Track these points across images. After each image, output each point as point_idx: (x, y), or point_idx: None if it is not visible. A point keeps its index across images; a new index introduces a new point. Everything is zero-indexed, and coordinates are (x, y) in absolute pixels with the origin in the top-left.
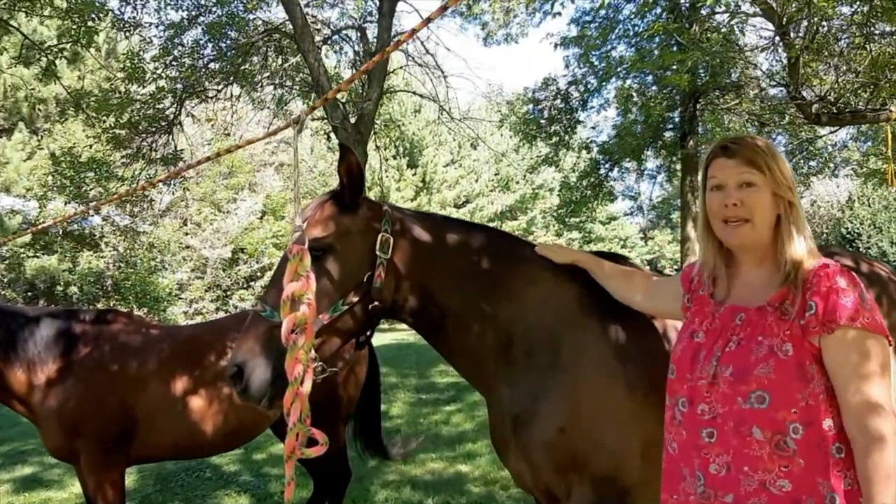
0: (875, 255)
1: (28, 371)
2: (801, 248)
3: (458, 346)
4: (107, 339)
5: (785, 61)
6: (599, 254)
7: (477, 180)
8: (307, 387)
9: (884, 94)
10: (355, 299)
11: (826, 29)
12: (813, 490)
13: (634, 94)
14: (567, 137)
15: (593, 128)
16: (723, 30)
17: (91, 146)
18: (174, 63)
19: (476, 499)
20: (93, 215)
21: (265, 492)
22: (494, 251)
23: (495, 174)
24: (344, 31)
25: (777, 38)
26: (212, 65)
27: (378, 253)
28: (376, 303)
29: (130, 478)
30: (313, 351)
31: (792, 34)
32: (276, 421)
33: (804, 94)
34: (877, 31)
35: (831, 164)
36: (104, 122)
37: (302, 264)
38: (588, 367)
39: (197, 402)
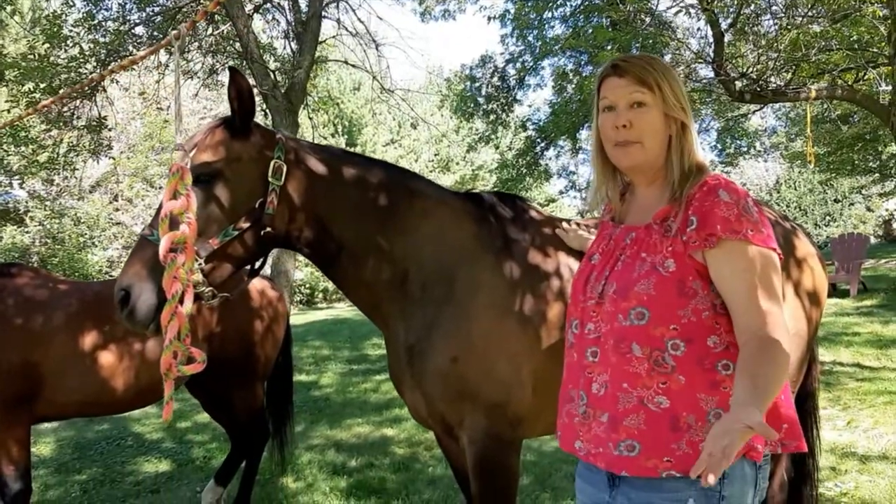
0: None
1: None
2: (687, 166)
3: (354, 279)
4: (10, 293)
5: (711, 39)
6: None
7: (417, 160)
8: (187, 306)
9: (804, 73)
10: (246, 225)
11: (751, 9)
12: (694, 406)
13: (570, 73)
14: (504, 116)
15: (529, 106)
16: (654, 9)
17: (9, 111)
18: (98, 27)
19: (400, 459)
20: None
21: (187, 457)
22: (391, 185)
23: (435, 154)
24: None
25: (702, 15)
26: (137, 29)
27: (270, 180)
28: (268, 229)
29: (48, 445)
30: (199, 273)
31: (717, 12)
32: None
33: (729, 72)
34: (800, 14)
35: (757, 146)
36: (23, 86)
37: (182, 183)
38: (482, 299)
39: (106, 359)
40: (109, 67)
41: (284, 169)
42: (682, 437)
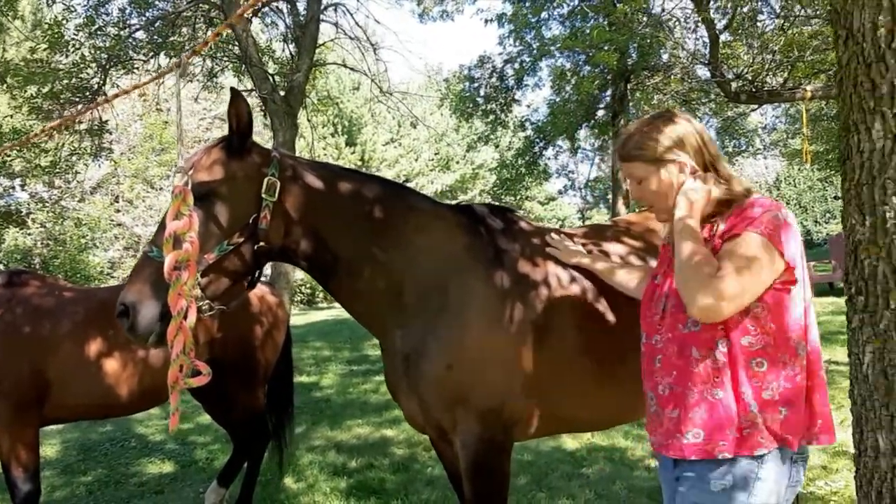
0: (801, 233)
1: None
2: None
3: (350, 290)
4: (18, 301)
5: (707, 40)
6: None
7: (417, 159)
8: (191, 321)
9: (799, 73)
10: (241, 240)
11: (746, 9)
12: (738, 398)
13: (568, 73)
14: (503, 116)
15: (528, 106)
16: (652, 10)
17: (12, 116)
18: (99, 32)
19: (399, 459)
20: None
21: (190, 459)
22: (386, 200)
23: (435, 153)
24: (274, 3)
25: (698, 16)
26: (138, 34)
27: (264, 196)
28: (262, 244)
29: (53, 447)
30: (198, 289)
31: (712, 13)
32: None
33: (725, 73)
34: (794, 14)
35: (754, 144)
36: (26, 92)
37: (185, 204)
38: (474, 308)
39: (111, 365)
40: (112, 93)
41: (278, 185)
42: (733, 423)
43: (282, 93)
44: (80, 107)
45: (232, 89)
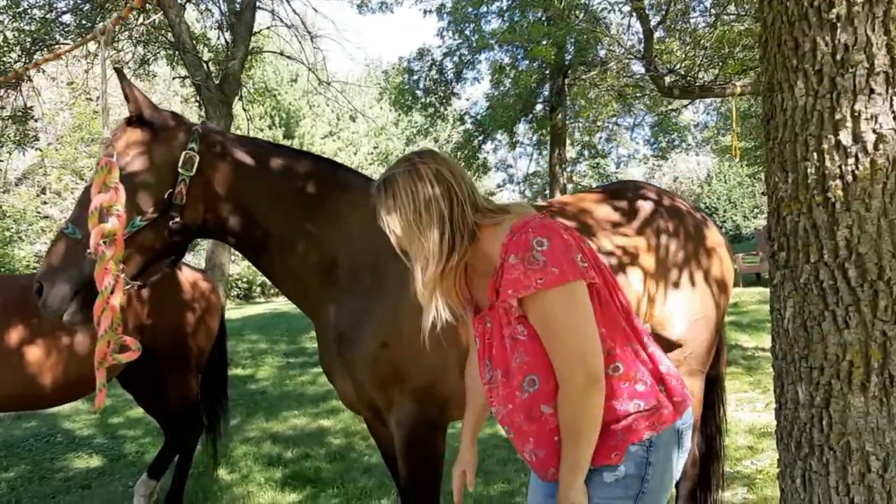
0: (730, 229)
1: None
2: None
3: (282, 268)
4: None
5: (642, 36)
6: None
7: (356, 153)
8: (117, 298)
9: (730, 70)
10: (154, 216)
11: (679, 6)
12: (610, 412)
13: (507, 67)
14: (443, 109)
15: (467, 99)
16: (589, 6)
17: None
18: (23, 15)
19: (336, 449)
20: None
21: (119, 452)
22: (320, 176)
23: (374, 147)
24: None
25: (632, 11)
26: (65, 18)
27: (180, 171)
28: (177, 219)
29: None
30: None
31: (647, 10)
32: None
33: (658, 68)
34: (726, 13)
35: (687, 140)
36: None
37: (110, 176)
38: (410, 289)
39: (34, 353)
40: (34, 60)
41: (197, 160)
42: (614, 437)
43: (216, 81)
44: (2, 92)
45: (115, 69)
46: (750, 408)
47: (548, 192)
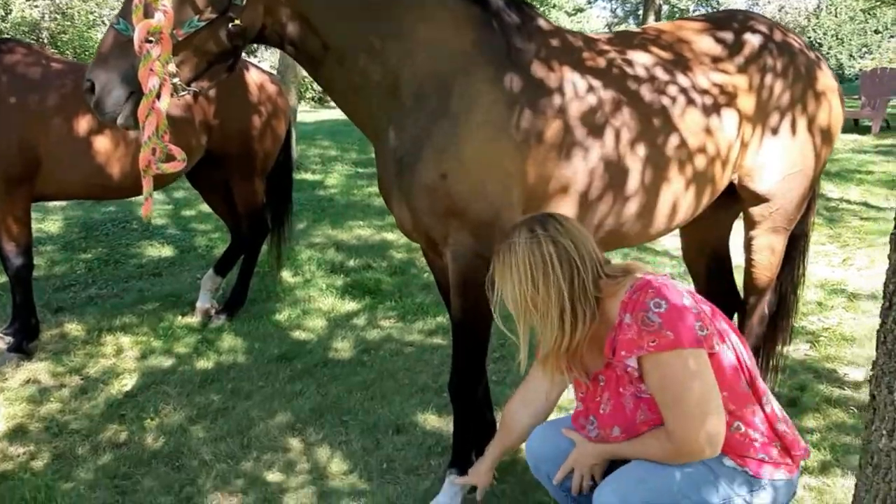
0: (832, 67)
1: None
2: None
3: (342, 82)
4: (3, 69)
5: None
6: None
7: None
8: (164, 101)
9: None
10: (213, 16)
11: None
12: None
13: None
14: None
15: None
16: None
17: None
18: None
19: (397, 263)
20: None
21: (190, 244)
22: None
23: None
24: None
25: None
26: None
27: None
28: (237, 22)
29: (55, 223)
30: (172, 65)
31: None
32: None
33: None
34: None
35: None
36: None
37: None
38: (477, 114)
39: (102, 143)
40: None
41: None
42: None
43: None
44: None
45: None
46: (825, 262)
47: (641, 12)
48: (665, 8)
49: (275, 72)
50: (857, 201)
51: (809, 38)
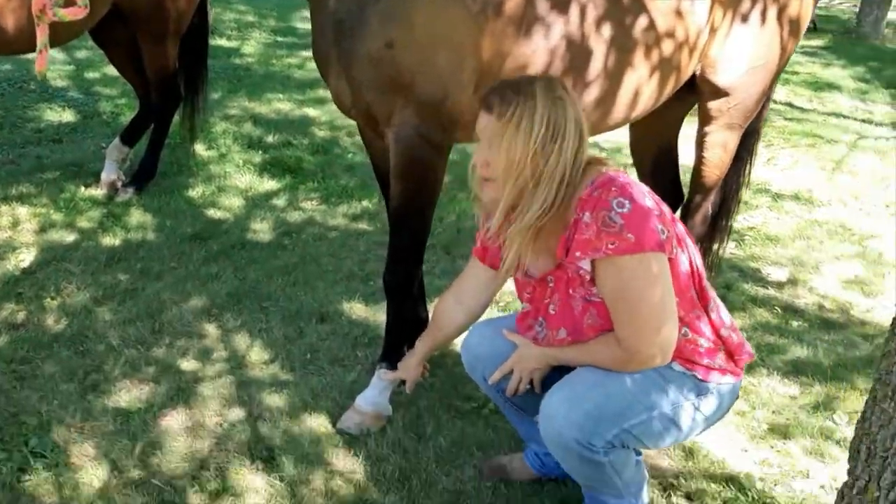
0: None
1: None
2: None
3: None
4: None
5: None
6: None
7: None
8: None
9: None
10: None
11: None
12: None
13: None
14: None
15: None
16: None
17: None
18: None
19: (319, 141)
20: None
21: (93, 109)
22: None
23: None
24: None
25: None
26: None
27: None
28: None
29: None
30: None
31: None
32: None
33: None
34: None
35: None
36: None
37: None
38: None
39: None
40: None
41: None
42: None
43: None
44: None
45: None
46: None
47: None
48: None
49: None
50: (782, 101)
51: None
